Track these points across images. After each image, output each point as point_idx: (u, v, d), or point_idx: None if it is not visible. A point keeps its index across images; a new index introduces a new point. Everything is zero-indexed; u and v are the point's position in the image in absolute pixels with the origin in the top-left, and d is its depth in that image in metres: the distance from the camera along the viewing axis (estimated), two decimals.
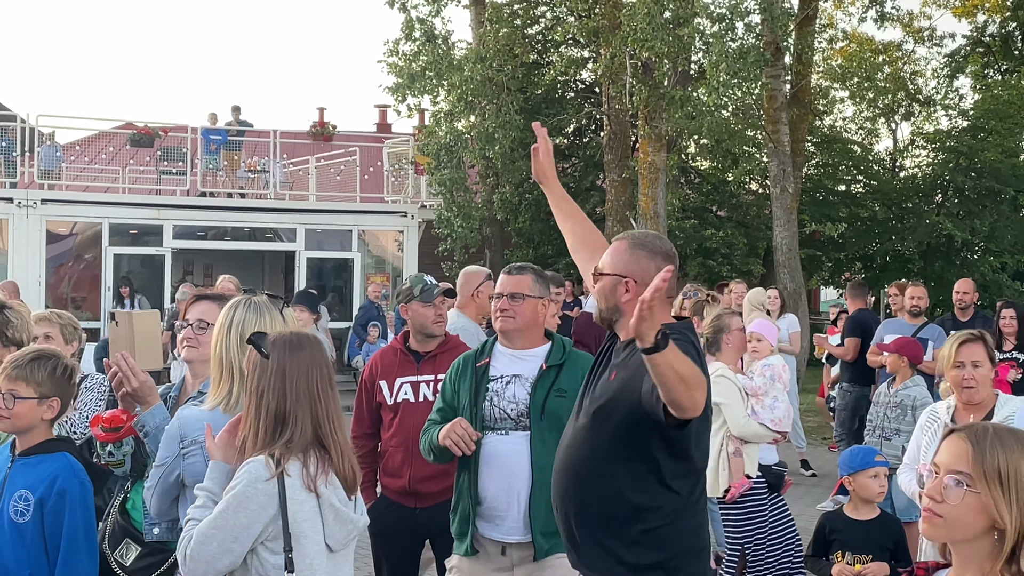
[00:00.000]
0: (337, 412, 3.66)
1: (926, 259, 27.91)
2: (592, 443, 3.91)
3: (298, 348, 3.67)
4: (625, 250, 4.02)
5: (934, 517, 2.72)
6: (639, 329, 3.42)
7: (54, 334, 5.37)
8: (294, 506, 3.54)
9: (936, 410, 5.88)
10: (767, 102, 22.00)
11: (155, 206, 22.74)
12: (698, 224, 25.09)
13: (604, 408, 3.90)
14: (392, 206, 24.73)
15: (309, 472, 3.55)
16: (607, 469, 3.87)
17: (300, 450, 3.58)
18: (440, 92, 23.60)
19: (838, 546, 5.65)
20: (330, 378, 3.67)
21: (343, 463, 3.60)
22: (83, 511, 4.18)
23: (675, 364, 3.48)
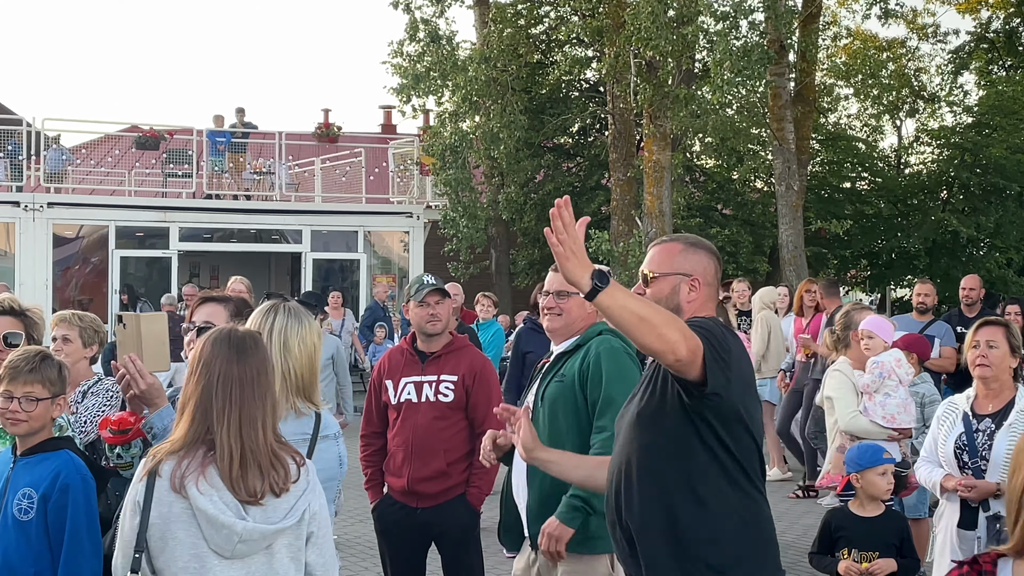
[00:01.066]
0: (244, 413, 3.43)
1: (932, 256, 27.86)
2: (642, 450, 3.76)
3: (215, 342, 3.53)
4: (680, 250, 3.89)
5: None
6: (566, 269, 3.30)
7: (72, 336, 5.34)
8: (162, 508, 3.40)
9: (955, 401, 5.87)
10: (771, 100, 22.00)
11: (161, 208, 22.78)
12: (703, 222, 25.08)
13: (645, 414, 3.77)
14: (397, 207, 24.75)
15: (180, 473, 3.39)
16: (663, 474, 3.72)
17: (183, 448, 3.43)
18: (444, 92, 23.65)
19: (844, 543, 5.65)
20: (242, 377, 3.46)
21: (231, 466, 3.37)
22: (86, 506, 4.21)
23: (628, 304, 3.35)
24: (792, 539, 9.91)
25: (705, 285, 3.90)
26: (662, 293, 3.85)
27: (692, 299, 3.86)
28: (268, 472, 3.41)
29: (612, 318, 3.39)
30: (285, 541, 3.47)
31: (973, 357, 5.68)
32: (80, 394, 5.26)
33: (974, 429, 5.62)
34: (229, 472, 3.37)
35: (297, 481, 3.48)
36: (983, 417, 5.65)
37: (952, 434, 5.69)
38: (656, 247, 3.98)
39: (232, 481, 3.37)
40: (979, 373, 5.66)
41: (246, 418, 3.42)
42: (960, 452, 5.62)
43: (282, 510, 3.44)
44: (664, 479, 3.74)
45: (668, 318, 3.43)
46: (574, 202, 13.74)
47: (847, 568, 5.58)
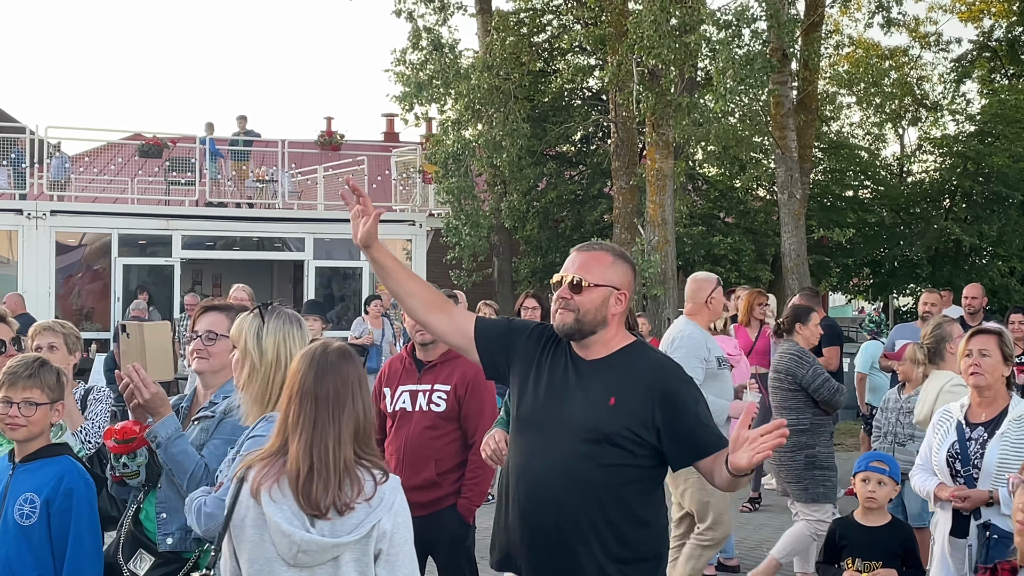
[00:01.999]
0: (317, 427, 3.51)
1: (934, 264, 27.88)
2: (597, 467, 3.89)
3: (303, 356, 3.63)
4: (611, 262, 4.03)
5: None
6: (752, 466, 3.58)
7: (58, 344, 5.39)
8: (242, 510, 3.51)
9: (949, 409, 5.88)
10: (774, 108, 22.00)
11: (164, 216, 22.79)
12: (706, 231, 25.08)
13: (607, 433, 3.88)
14: (400, 215, 24.76)
15: (258, 479, 3.49)
16: (614, 490, 3.89)
17: (267, 457, 3.54)
18: (447, 101, 23.65)
19: (848, 552, 5.65)
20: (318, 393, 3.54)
21: (298, 480, 3.46)
22: (89, 510, 4.25)
23: (740, 481, 3.75)
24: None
25: (628, 300, 4.08)
26: (593, 303, 3.97)
27: (617, 311, 4.02)
28: (334, 487, 3.47)
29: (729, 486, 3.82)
30: (352, 556, 3.50)
31: (966, 366, 5.69)
32: (79, 401, 5.28)
33: (967, 437, 5.62)
34: (296, 484, 3.46)
35: (371, 498, 3.51)
36: (976, 426, 5.65)
37: (945, 442, 5.69)
38: (585, 253, 4.06)
39: (299, 492, 3.45)
40: (972, 382, 5.67)
41: (317, 434, 3.50)
42: (953, 460, 5.63)
43: (349, 525, 3.49)
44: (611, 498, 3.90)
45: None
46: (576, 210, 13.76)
47: None
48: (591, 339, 3.99)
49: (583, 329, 3.96)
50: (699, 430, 3.83)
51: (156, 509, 4.41)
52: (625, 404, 3.87)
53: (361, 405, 3.61)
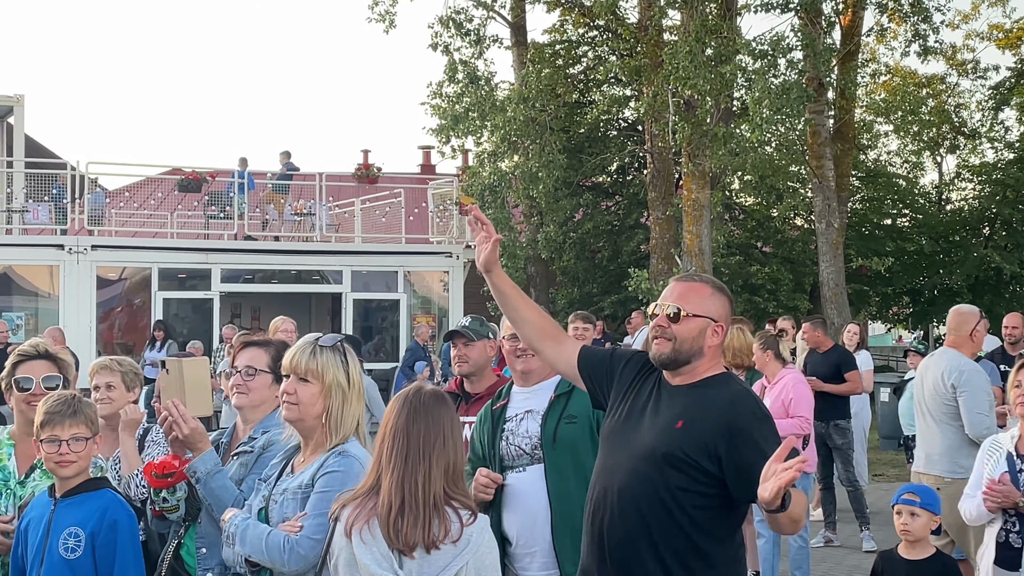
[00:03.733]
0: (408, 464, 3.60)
1: (975, 292, 27.66)
2: (665, 489, 3.85)
3: (398, 398, 3.75)
4: (710, 294, 4.02)
5: None
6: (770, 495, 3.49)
7: (115, 383, 5.40)
8: (336, 550, 3.60)
9: (999, 440, 5.82)
10: (810, 137, 21.97)
11: (203, 251, 22.95)
12: (743, 260, 25.01)
13: (674, 458, 3.84)
14: (437, 247, 24.83)
15: (350, 520, 3.58)
16: (678, 516, 3.84)
17: (359, 497, 3.63)
18: (483, 133, 23.75)
19: None
20: (410, 431, 3.64)
21: (389, 516, 3.53)
22: (132, 542, 4.29)
23: (793, 513, 3.62)
24: None
25: (724, 330, 4.06)
26: (691, 333, 3.97)
27: (714, 343, 4.00)
28: (423, 523, 3.54)
29: (773, 521, 3.65)
30: None
31: (1015, 397, 5.63)
32: (138, 438, 5.30)
33: (1018, 469, 5.56)
34: (387, 520, 3.53)
35: (458, 540, 3.57)
36: None
37: (996, 473, 5.63)
38: (684, 284, 4.07)
39: (389, 529, 3.53)
40: (1021, 412, 5.61)
41: (408, 470, 3.59)
42: None
43: (437, 567, 3.55)
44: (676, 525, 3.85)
45: (804, 508, 3.76)
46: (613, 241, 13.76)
47: None
48: (684, 368, 3.99)
49: (678, 359, 3.96)
50: (760, 466, 3.68)
51: (196, 544, 4.43)
52: (691, 429, 3.84)
53: (452, 445, 3.70)
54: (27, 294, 22.61)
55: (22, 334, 20.79)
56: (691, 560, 3.84)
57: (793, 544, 9.26)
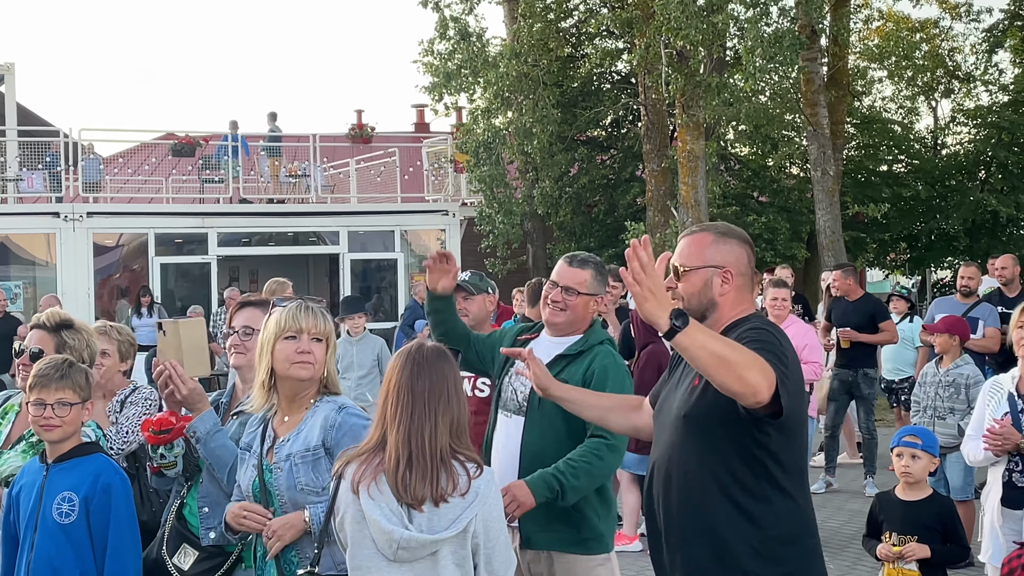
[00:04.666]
0: (414, 420, 3.62)
1: (972, 237, 27.67)
2: (691, 454, 3.72)
3: (399, 354, 3.78)
4: (712, 241, 3.82)
5: None
6: (644, 309, 3.29)
7: (111, 351, 5.41)
8: (343, 507, 3.64)
9: (1000, 381, 5.87)
10: (804, 85, 21.87)
11: (199, 215, 22.95)
12: (740, 211, 24.96)
13: (694, 416, 3.71)
14: (433, 205, 24.82)
15: (356, 477, 3.61)
16: (714, 479, 3.68)
17: (364, 453, 3.66)
18: (476, 89, 23.66)
19: (887, 527, 5.64)
20: (415, 387, 3.66)
21: (397, 471, 3.57)
22: (126, 506, 4.32)
23: (706, 343, 3.33)
24: (837, 525, 9.92)
25: (738, 276, 3.83)
26: (694, 288, 3.81)
27: (725, 292, 3.80)
28: (432, 479, 3.59)
29: (691, 358, 3.37)
30: (449, 549, 3.61)
31: (1019, 338, 5.65)
32: (118, 403, 5.32)
33: (1020, 409, 5.59)
34: (395, 475, 3.58)
35: (466, 493, 3.61)
36: None
37: (997, 413, 5.67)
38: (686, 238, 3.90)
39: (397, 484, 3.57)
40: (1022, 353, 5.64)
41: (415, 426, 3.62)
42: None
43: (447, 520, 3.60)
44: (713, 488, 3.69)
45: (749, 359, 3.38)
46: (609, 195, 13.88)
47: (884, 551, 5.57)
48: (707, 321, 3.74)
49: (693, 314, 3.59)
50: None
51: (198, 504, 4.48)
52: (705, 381, 3.65)
53: (456, 400, 3.73)
54: (24, 263, 22.65)
55: (20, 303, 20.85)
56: (738, 522, 3.67)
57: None
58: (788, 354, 3.61)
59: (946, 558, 5.55)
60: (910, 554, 5.46)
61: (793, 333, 9.50)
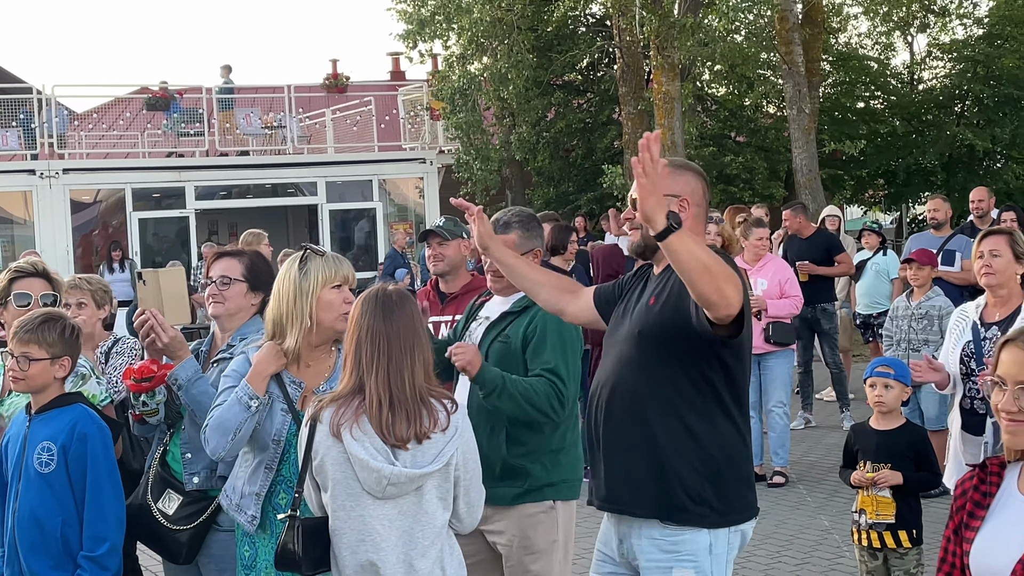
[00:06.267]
0: (391, 364, 3.70)
1: (948, 171, 27.75)
2: (642, 369, 3.84)
3: (364, 301, 3.82)
4: (668, 173, 3.83)
5: (1019, 426, 2.75)
6: (647, 204, 3.38)
7: (87, 300, 5.46)
8: (322, 451, 3.70)
9: (965, 310, 5.95)
10: (779, 23, 21.82)
11: (176, 168, 22.89)
12: (717, 151, 24.98)
13: (649, 333, 3.83)
14: (410, 153, 24.78)
15: (336, 420, 3.67)
16: (661, 395, 3.81)
17: (340, 398, 3.72)
18: (450, 36, 23.58)
19: (861, 456, 5.74)
20: (387, 331, 3.73)
21: (380, 414, 3.65)
22: (104, 453, 4.36)
23: (695, 250, 3.45)
24: (815, 459, 10.07)
25: (694, 205, 3.96)
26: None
27: (682, 220, 3.82)
28: (414, 418, 3.68)
29: (678, 262, 3.46)
30: (434, 483, 3.73)
31: (979, 267, 5.75)
32: (103, 355, 5.39)
33: (982, 337, 5.69)
34: (379, 418, 3.66)
35: (447, 428, 3.73)
36: (991, 325, 5.72)
37: (960, 342, 5.76)
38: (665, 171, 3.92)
39: (381, 427, 3.66)
40: (985, 282, 5.74)
41: (393, 368, 3.70)
42: (968, 359, 5.71)
43: (430, 455, 3.70)
44: (660, 403, 3.83)
45: (728, 273, 3.51)
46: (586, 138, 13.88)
47: (857, 478, 5.68)
48: (660, 254, 3.85)
49: (650, 244, 3.85)
50: None
51: (181, 450, 4.55)
52: (662, 302, 3.82)
53: (425, 341, 3.83)
54: (2, 221, 22.57)
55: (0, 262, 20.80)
56: (680, 439, 3.81)
57: (779, 423, 9.46)
58: (745, 285, 3.73)
59: (918, 484, 5.67)
60: (883, 480, 5.57)
61: (774, 269, 9.63)
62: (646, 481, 3.84)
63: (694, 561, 3.82)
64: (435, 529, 3.75)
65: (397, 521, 3.69)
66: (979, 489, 2.91)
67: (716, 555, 3.84)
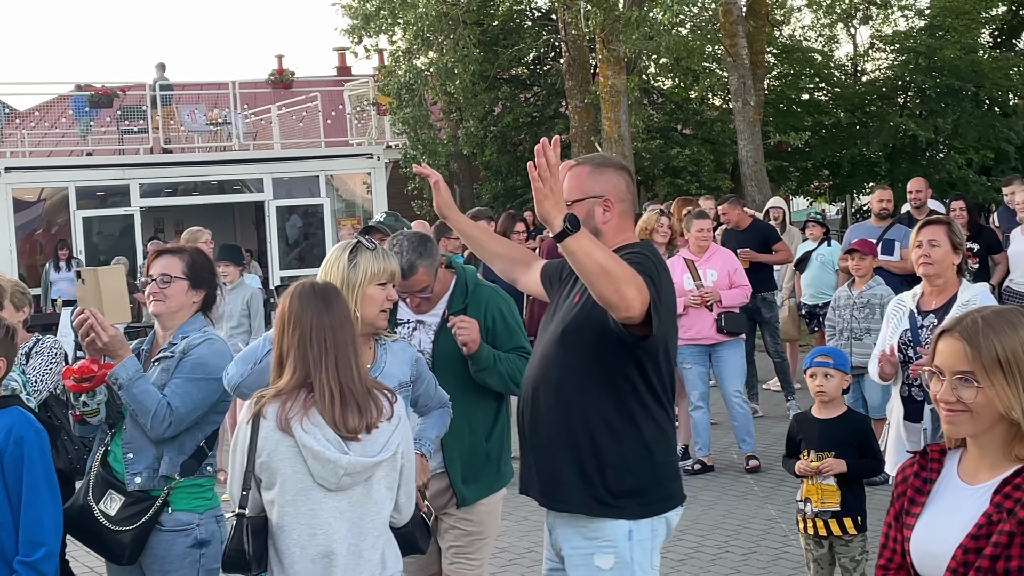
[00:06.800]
0: (338, 357, 3.70)
1: (892, 161, 28.04)
2: (564, 367, 3.90)
3: (301, 296, 3.79)
4: (589, 172, 3.98)
5: (956, 416, 2.76)
6: (543, 207, 3.42)
7: (4, 302, 5.42)
8: (269, 446, 3.68)
9: (903, 299, 6.00)
10: (723, 16, 21.95)
11: (120, 166, 22.68)
12: (664, 144, 25.10)
13: (571, 331, 3.89)
14: (357, 149, 24.69)
15: (284, 414, 3.66)
16: (582, 393, 3.87)
17: (285, 393, 3.70)
18: (396, 31, 23.52)
19: (804, 445, 5.79)
20: (332, 324, 3.73)
21: (333, 407, 3.65)
22: (41, 457, 4.28)
23: (592, 252, 3.46)
24: (762, 448, 10.12)
25: (618, 202, 4.00)
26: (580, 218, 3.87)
27: (607, 219, 3.97)
28: (365, 409, 3.70)
29: (577, 263, 3.49)
30: (383, 472, 3.76)
31: (917, 256, 5.81)
32: (23, 356, 5.34)
33: (919, 325, 5.75)
34: (331, 411, 3.66)
35: (391, 417, 3.76)
36: (927, 313, 5.78)
37: (898, 330, 5.82)
38: (567, 173, 4.01)
39: (334, 419, 3.66)
40: (922, 271, 5.79)
41: (342, 361, 3.71)
42: (906, 347, 5.76)
43: (379, 444, 3.73)
44: (579, 402, 3.88)
45: (629, 274, 3.53)
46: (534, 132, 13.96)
47: (801, 467, 5.73)
48: None
49: None
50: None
51: (123, 450, 4.50)
52: (584, 299, 3.84)
53: (357, 331, 3.87)
54: None
55: None
56: (600, 436, 3.86)
57: (739, 411, 9.54)
58: (663, 283, 3.79)
59: (862, 471, 5.72)
60: (827, 469, 5.62)
61: (723, 260, 9.68)
62: (569, 479, 3.90)
63: (614, 547, 3.89)
64: (383, 519, 3.79)
65: (348, 512, 3.70)
66: (920, 476, 2.94)
67: (637, 541, 3.90)
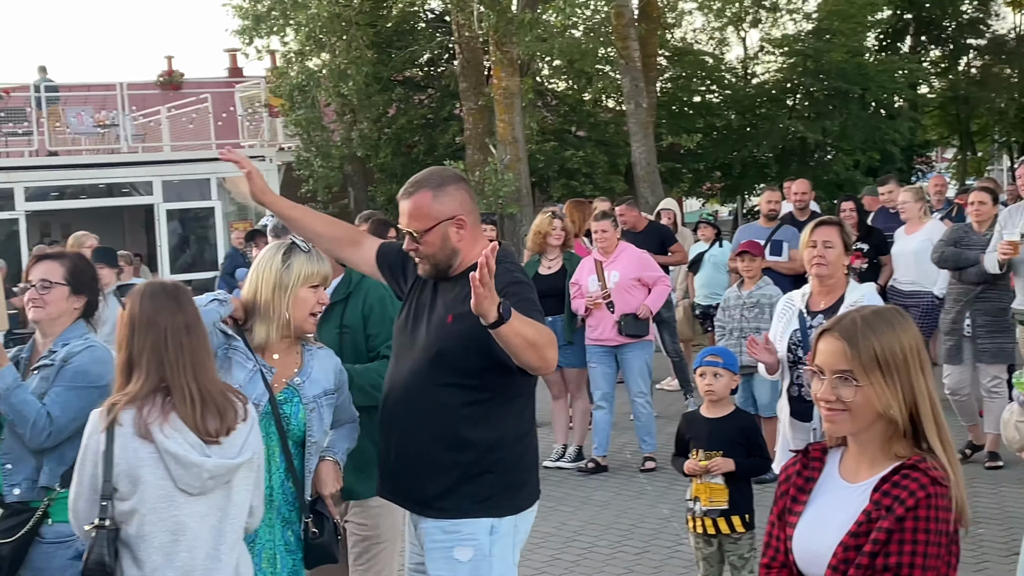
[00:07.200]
0: (195, 359, 3.66)
1: (782, 163, 28.52)
2: (440, 386, 3.94)
3: (153, 296, 3.71)
4: (433, 197, 3.97)
5: (836, 414, 2.80)
6: (482, 307, 3.49)
7: None
8: (128, 453, 3.58)
9: (792, 298, 6.07)
10: (615, 19, 22.11)
11: (3, 169, 22.15)
12: (558, 146, 25.21)
13: (449, 353, 3.92)
14: (249, 151, 24.32)
15: (142, 420, 3.59)
16: (453, 405, 3.92)
17: (140, 398, 3.62)
18: (288, 32, 23.31)
19: (693, 444, 5.84)
20: (186, 325, 3.68)
21: (194, 410, 3.61)
22: None
23: (521, 330, 3.59)
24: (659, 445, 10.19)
25: (468, 215, 4.04)
26: (434, 247, 3.99)
27: (462, 237, 4.01)
28: (224, 412, 3.67)
29: (508, 346, 3.62)
30: (242, 475, 3.73)
31: (810, 257, 5.88)
32: None
33: (808, 325, 5.82)
34: (192, 415, 3.61)
35: (246, 419, 3.74)
36: (816, 313, 5.86)
37: (788, 330, 5.89)
38: (407, 202, 4.03)
39: (195, 423, 3.61)
40: (816, 272, 5.87)
41: (198, 363, 3.67)
42: (795, 348, 5.83)
43: (237, 446, 3.69)
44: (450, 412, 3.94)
45: (549, 338, 3.72)
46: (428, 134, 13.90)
47: (690, 466, 5.78)
48: (452, 271, 4.02)
49: (441, 268, 4.00)
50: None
51: (1, 460, 4.39)
52: (462, 319, 3.86)
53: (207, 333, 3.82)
54: None
55: None
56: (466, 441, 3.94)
57: (643, 412, 9.60)
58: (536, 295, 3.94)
59: (750, 470, 5.78)
60: (716, 468, 5.68)
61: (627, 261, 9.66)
62: (430, 488, 3.98)
63: (474, 540, 3.95)
64: (240, 522, 3.76)
65: (208, 516, 3.66)
66: (802, 474, 2.97)
67: (498, 535, 3.98)
